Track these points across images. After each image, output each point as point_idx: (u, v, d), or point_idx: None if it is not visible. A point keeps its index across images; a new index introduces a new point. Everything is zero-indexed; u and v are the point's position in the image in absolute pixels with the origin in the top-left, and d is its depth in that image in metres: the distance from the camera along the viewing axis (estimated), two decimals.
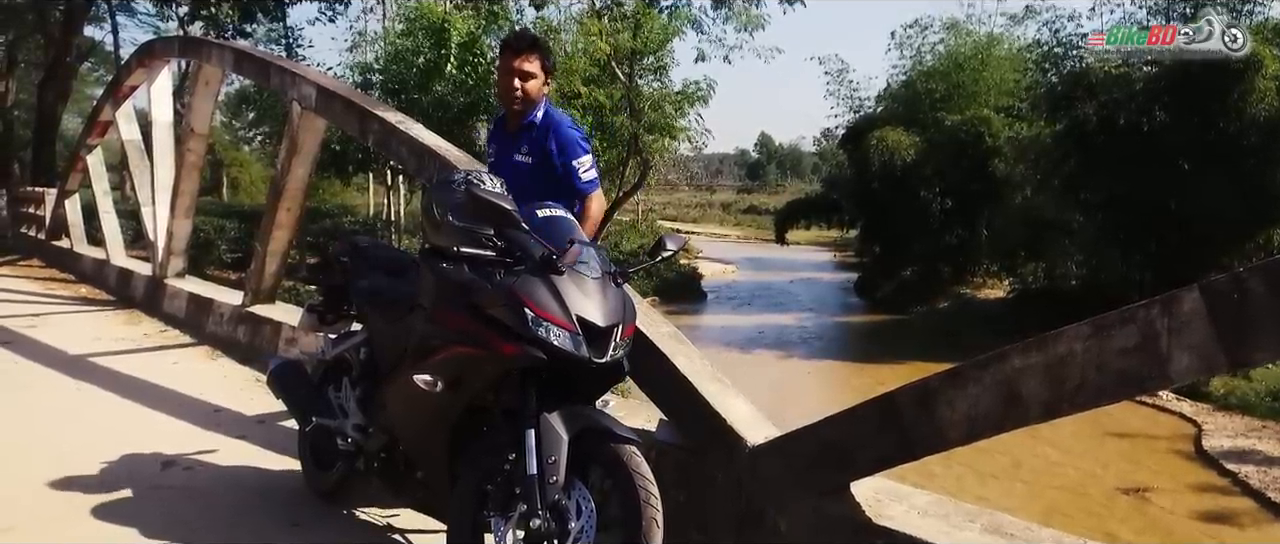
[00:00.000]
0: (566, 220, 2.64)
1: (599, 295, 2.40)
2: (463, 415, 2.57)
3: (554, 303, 2.32)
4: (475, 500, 2.46)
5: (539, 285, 2.34)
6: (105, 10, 22.57)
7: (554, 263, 2.37)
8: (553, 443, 2.28)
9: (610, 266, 2.56)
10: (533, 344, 2.30)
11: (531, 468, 2.26)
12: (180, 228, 7.76)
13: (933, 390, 2.17)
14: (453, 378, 2.50)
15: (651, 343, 2.98)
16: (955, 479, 10.88)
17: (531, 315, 2.30)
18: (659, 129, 14.62)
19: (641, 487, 2.25)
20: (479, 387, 2.50)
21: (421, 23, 15.39)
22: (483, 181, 2.63)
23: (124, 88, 9.04)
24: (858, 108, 28.64)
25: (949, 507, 2.44)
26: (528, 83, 3.04)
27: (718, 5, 15.18)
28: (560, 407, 2.35)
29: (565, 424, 2.31)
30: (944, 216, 23.77)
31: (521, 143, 3.10)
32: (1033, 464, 11.40)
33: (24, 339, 6.76)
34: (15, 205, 15.76)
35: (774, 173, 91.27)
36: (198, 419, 4.58)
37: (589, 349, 2.33)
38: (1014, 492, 10.47)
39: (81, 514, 3.31)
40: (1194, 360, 1.70)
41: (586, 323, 2.33)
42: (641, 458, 2.32)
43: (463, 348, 2.47)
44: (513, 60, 3.03)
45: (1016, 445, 12.18)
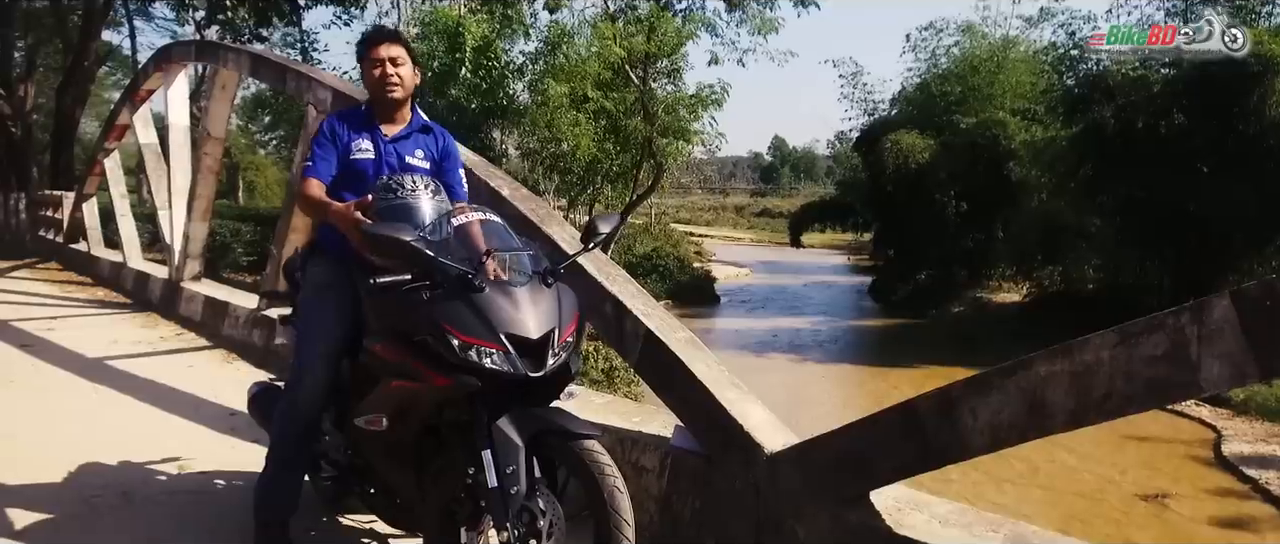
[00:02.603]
0: (489, 223, 2.55)
1: (528, 304, 2.32)
2: (420, 439, 2.53)
3: (479, 324, 2.25)
4: (445, 519, 2.45)
5: (461, 308, 2.27)
6: (123, 15, 22.76)
7: (470, 281, 2.30)
8: (509, 452, 2.24)
9: (542, 265, 2.50)
10: (465, 371, 2.25)
11: (492, 481, 2.23)
12: (197, 231, 7.79)
13: (955, 398, 2.13)
14: (395, 412, 2.48)
15: (668, 348, 2.96)
16: (972, 485, 10.80)
17: (458, 343, 2.24)
18: (672, 132, 14.60)
19: (604, 477, 2.23)
20: (423, 415, 2.46)
21: (436, 27, 15.43)
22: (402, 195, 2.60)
23: (141, 92, 9.09)
24: (872, 111, 28.63)
25: (971, 516, 2.40)
26: (401, 69, 2.94)
27: (732, 8, 15.14)
28: (513, 411, 2.30)
29: (518, 430, 2.26)
30: (959, 220, 23.65)
31: (415, 146, 3.00)
32: (1050, 470, 11.30)
33: (43, 342, 6.80)
34: (34, 209, 15.86)
35: (787, 176, 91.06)
36: (213, 423, 4.58)
37: (525, 362, 2.27)
38: (1031, 498, 10.38)
39: (98, 516, 3.32)
40: (1225, 369, 1.66)
41: (517, 338, 2.27)
42: (601, 448, 2.29)
43: (399, 382, 2.43)
44: (376, 51, 2.93)
45: (1033, 451, 12.08)
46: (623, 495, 2.24)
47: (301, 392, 2.86)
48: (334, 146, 2.92)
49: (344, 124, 2.97)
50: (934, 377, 12.92)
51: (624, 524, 2.21)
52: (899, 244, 26.15)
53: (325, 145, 2.92)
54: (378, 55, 2.91)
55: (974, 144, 22.64)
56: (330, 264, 2.88)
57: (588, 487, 2.26)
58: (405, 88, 2.97)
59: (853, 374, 17.10)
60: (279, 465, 2.95)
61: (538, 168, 16.20)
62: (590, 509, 2.25)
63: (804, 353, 19.08)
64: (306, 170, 2.92)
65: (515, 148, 17.20)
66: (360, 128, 2.96)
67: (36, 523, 3.22)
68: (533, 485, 2.27)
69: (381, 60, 2.91)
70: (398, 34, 3.11)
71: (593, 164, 15.35)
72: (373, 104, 3.01)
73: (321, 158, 2.91)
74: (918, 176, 23.30)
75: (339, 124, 2.97)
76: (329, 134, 2.94)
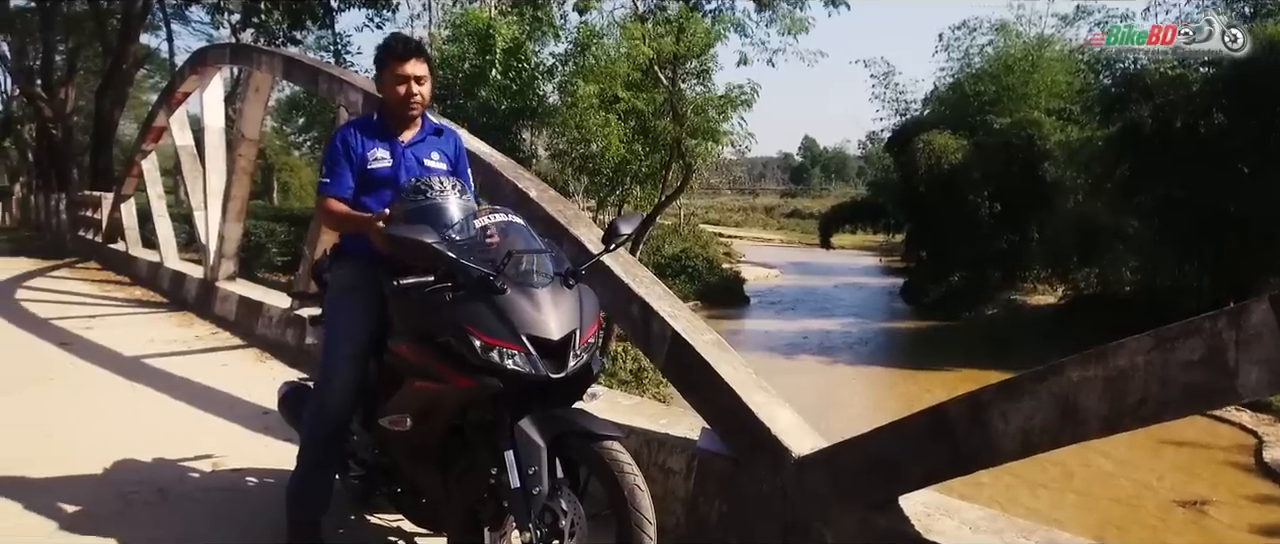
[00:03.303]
0: (512, 224, 2.56)
1: (550, 305, 2.33)
2: (444, 440, 2.54)
3: (500, 325, 2.26)
4: (469, 520, 2.46)
5: (482, 309, 2.28)
6: (161, 19, 23.15)
7: (492, 283, 2.31)
8: (532, 453, 2.24)
9: (563, 265, 2.50)
10: (487, 372, 2.26)
11: (514, 482, 2.24)
12: (231, 231, 7.90)
13: (986, 403, 2.10)
14: (419, 412, 2.50)
15: (694, 350, 2.95)
16: (1005, 489, 10.67)
17: (480, 344, 2.25)
18: (702, 133, 14.57)
19: (626, 477, 2.23)
20: (447, 415, 2.47)
21: (467, 29, 15.53)
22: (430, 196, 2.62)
23: (178, 94, 9.24)
24: (904, 111, 28.41)
25: (1002, 522, 2.37)
26: (423, 87, 2.95)
27: (761, 9, 15.09)
28: (535, 411, 2.30)
29: (540, 431, 2.27)
30: (993, 221, 23.39)
31: (431, 149, 3.01)
32: (1085, 475, 11.14)
33: (81, 340, 6.93)
34: (73, 209, 16.19)
35: (818, 177, 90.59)
36: (247, 421, 4.64)
37: (546, 363, 2.28)
38: (1065, 503, 10.24)
39: (133, 511, 3.37)
40: (1264, 375, 1.62)
41: (538, 339, 2.28)
42: (622, 449, 2.29)
43: (423, 382, 2.45)
44: (403, 66, 2.91)
45: (1068, 455, 11.91)
46: (644, 495, 2.24)
47: (330, 393, 2.89)
48: (347, 160, 2.93)
49: (357, 135, 2.98)
50: (967, 380, 12.78)
51: (646, 524, 2.21)
52: (931, 245, 25.91)
53: (339, 160, 2.94)
54: (404, 72, 2.90)
55: (1008, 144, 22.39)
56: (356, 266, 2.90)
57: (609, 487, 2.26)
58: (424, 103, 2.99)
59: (884, 377, 16.97)
60: (309, 465, 2.98)
61: (567, 169, 16.25)
62: (612, 509, 2.25)
63: (834, 355, 18.97)
64: (323, 188, 2.96)
65: (544, 149, 17.27)
66: (375, 136, 2.97)
67: (74, 517, 3.28)
68: (555, 486, 2.28)
69: (407, 77, 2.91)
70: (423, 48, 3.08)
71: (622, 165, 15.36)
72: (387, 113, 3.01)
73: (336, 174, 2.94)
74: (950, 177, 23.08)
75: (352, 136, 2.98)
76: (341, 148, 2.95)
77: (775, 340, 20.45)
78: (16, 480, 3.63)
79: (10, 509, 3.36)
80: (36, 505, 3.38)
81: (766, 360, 18.20)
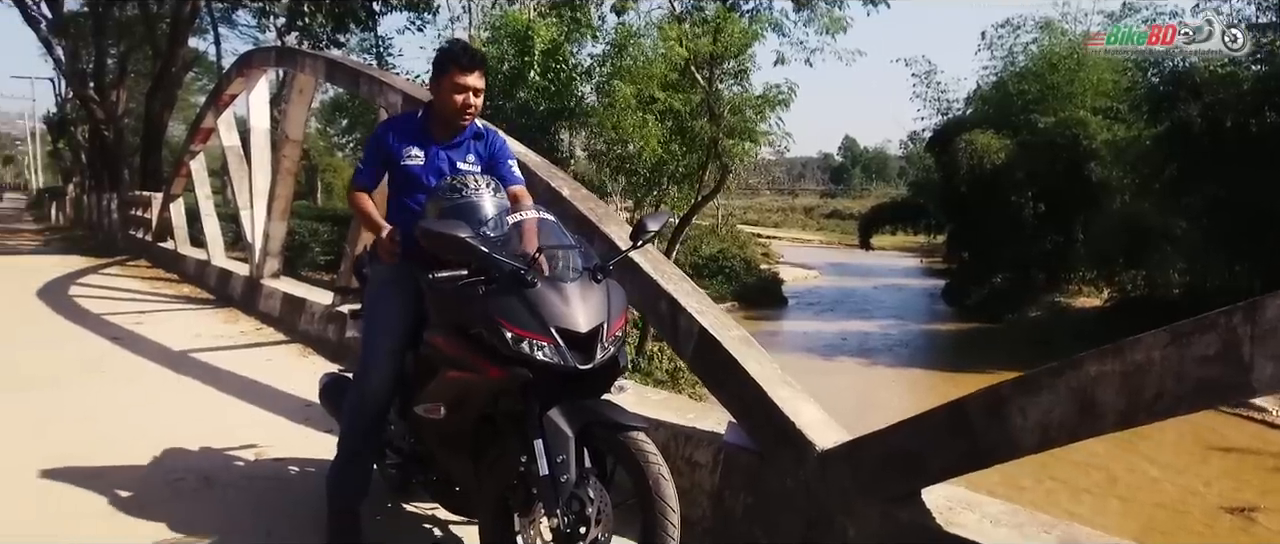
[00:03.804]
0: (543, 221, 2.64)
1: (578, 299, 2.41)
2: (476, 429, 2.62)
3: (531, 318, 2.34)
4: (499, 507, 2.53)
5: (514, 302, 2.36)
6: (209, 22, 23.66)
7: (523, 277, 2.38)
8: (560, 442, 2.32)
9: (592, 261, 2.57)
10: (518, 363, 2.34)
11: (543, 469, 2.31)
12: (276, 230, 8.08)
13: (1004, 397, 2.12)
14: (453, 401, 2.58)
15: (721, 346, 2.99)
16: (1046, 493, 10.53)
17: (511, 335, 2.33)
18: (738, 133, 14.55)
19: (650, 467, 2.29)
20: (479, 404, 2.55)
21: (506, 30, 15.66)
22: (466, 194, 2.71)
23: (225, 96, 9.45)
24: (945, 110, 28.05)
25: (1023, 516, 2.38)
26: (479, 98, 3.02)
27: (799, 8, 15.02)
28: (564, 402, 2.37)
29: (568, 421, 2.34)
30: (1037, 222, 23.04)
31: (466, 152, 3.08)
32: (1129, 480, 10.96)
33: (131, 335, 7.15)
34: (125, 209, 16.62)
35: (858, 177, 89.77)
36: (289, 413, 4.77)
37: (574, 355, 2.35)
38: (1108, 508, 10.09)
39: (180, 498, 3.51)
40: (1278, 370, 1.63)
41: (566, 331, 2.35)
42: (648, 440, 2.36)
43: (456, 372, 2.53)
44: (465, 77, 2.96)
45: (1112, 460, 11.73)
46: (669, 487, 2.30)
47: (369, 384, 2.98)
48: (380, 155, 3.05)
49: (395, 133, 3.08)
50: None
51: (670, 514, 2.27)
52: (973, 246, 25.58)
53: (373, 154, 3.08)
54: (465, 82, 2.96)
55: (1053, 143, 22.04)
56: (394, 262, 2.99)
57: (635, 478, 2.32)
58: (477, 114, 3.08)
59: (924, 379, 16.81)
60: (349, 454, 3.08)
61: (604, 169, 16.29)
62: (637, 499, 2.31)
63: (873, 356, 18.82)
64: (354, 176, 3.14)
65: (582, 150, 17.35)
66: (413, 134, 3.06)
67: (123, 502, 3.42)
68: (583, 474, 2.35)
69: (467, 88, 2.97)
70: (485, 60, 3.15)
71: (659, 165, 15.39)
72: (434, 116, 3.08)
73: (367, 166, 3.08)
74: (993, 177, 22.78)
75: (390, 133, 3.09)
76: (377, 144, 3.08)
77: (813, 342, 20.34)
78: (70, 468, 3.78)
79: (64, 495, 3.51)
80: (88, 491, 3.53)
81: (804, 362, 18.12)
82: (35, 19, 22.82)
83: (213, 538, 3.13)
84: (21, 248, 18.49)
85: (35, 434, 4.39)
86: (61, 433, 4.40)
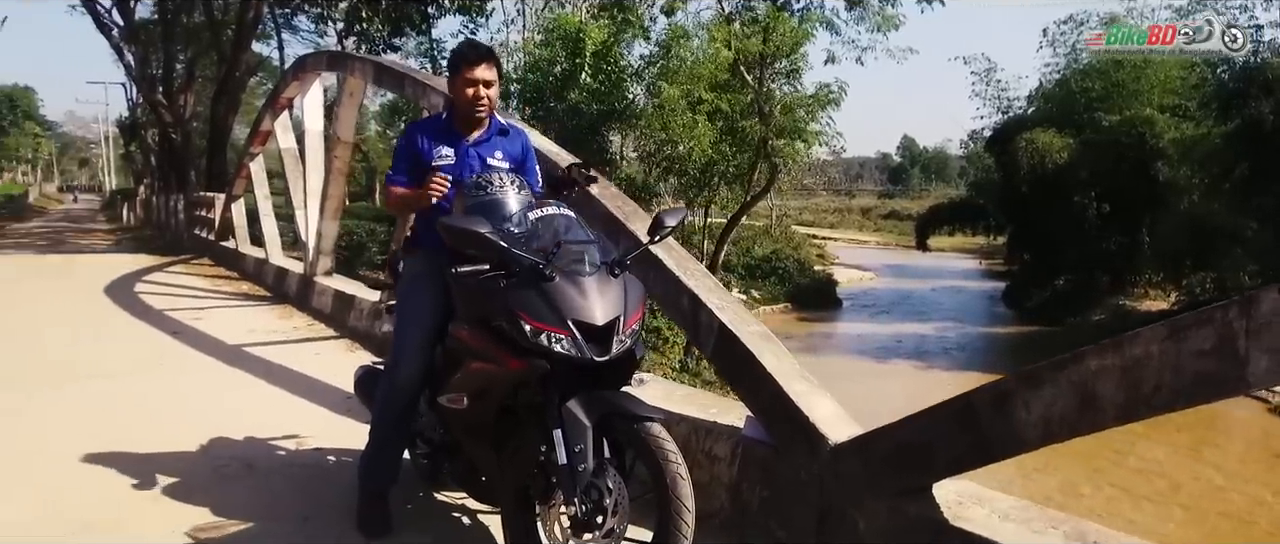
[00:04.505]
0: (562, 217, 2.70)
1: (595, 293, 2.46)
2: (499, 419, 2.69)
3: (549, 311, 2.40)
4: (521, 496, 2.60)
5: (533, 295, 2.43)
6: (272, 28, 24.32)
7: (541, 271, 2.45)
8: (578, 432, 2.37)
9: (610, 256, 2.62)
10: (536, 354, 2.41)
11: (562, 459, 2.37)
12: (328, 229, 8.29)
13: (1008, 391, 2.12)
14: (475, 392, 2.65)
15: (740, 341, 3.02)
16: (1106, 501, 10.29)
17: (530, 328, 2.40)
18: (788, 133, 14.50)
19: (667, 460, 2.33)
20: (500, 395, 2.62)
21: (558, 33, 15.83)
22: (491, 191, 2.77)
23: (281, 100, 9.71)
24: (1006, 109, 27.58)
25: (1033, 512, 2.36)
26: (490, 90, 3.10)
27: (851, 6, 14.90)
28: (582, 393, 2.43)
29: (587, 411, 2.39)
30: (1101, 222, 22.52)
31: (494, 148, 3.15)
32: (1193, 488, 10.66)
33: (190, 330, 7.43)
34: (190, 209, 17.20)
35: (917, 177, 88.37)
36: (332, 405, 4.91)
37: (591, 347, 2.41)
38: (1171, 517, 9.82)
39: (223, 482, 3.67)
40: (1273, 364, 1.60)
41: (584, 324, 2.40)
42: (664, 432, 2.40)
43: (478, 364, 2.62)
44: (472, 71, 3.04)
45: (1176, 468, 11.42)
46: (685, 483, 2.34)
47: (399, 375, 3.08)
48: (411, 154, 3.13)
49: (424, 133, 3.17)
50: None
51: (684, 511, 2.31)
52: (1035, 247, 25.09)
53: (404, 154, 3.16)
54: (474, 76, 3.06)
55: (1118, 142, 21.52)
56: (426, 256, 3.08)
57: (652, 471, 2.37)
58: (492, 106, 3.16)
59: (979, 383, 16.49)
60: (379, 442, 3.18)
61: (654, 170, 16.38)
62: (654, 493, 2.36)
63: (929, 360, 18.57)
64: (388, 177, 3.21)
65: (632, 150, 17.46)
66: (441, 134, 3.15)
67: (170, 486, 3.59)
68: (601, 465, 2.41)
69: (476, 82, 3.06)
70: (492, 52, 3.23)
71: (709, 166, 15.41)
72: (456, 114, 3.17)
73: (399, 166, 3.16)
74: (1055, 176, 22.33)
75: (420, 134, 3.17)
76: (407, 145, 3.16)
77: (867, 344, 20.13)
78: (124, 453, 3.98)
79: (116, 479, 3.69)
80: (139, 475, 3.71)
81: (856, 364, 17.95)
82: (107, 26, 23.75)
83: (251, 523, 3.26)
84: (94, 247, 19.27)
85: (95, 422, 4.60)
86: (119, 421, 4.61)
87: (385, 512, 3.19)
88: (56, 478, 3.75)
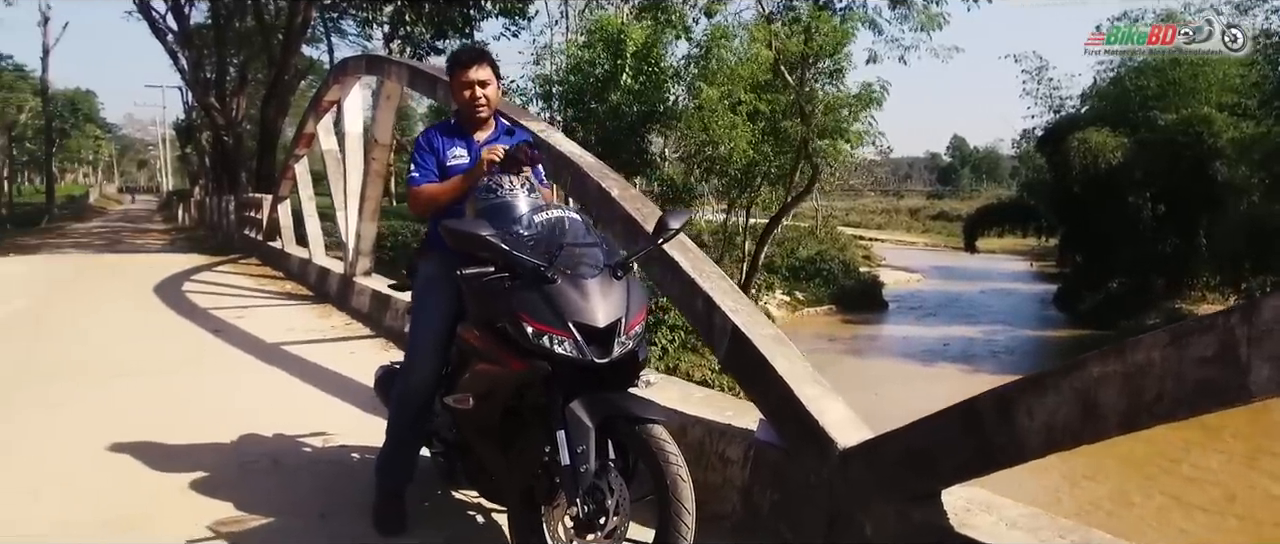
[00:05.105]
0: (568, 220, 2.72)
1: (597, 295, 2.47)
2: (506, 420, 2.70)
3: (550, 313, 2.42)
4: (526, 496, 2.61)
5: (535, 298, 2.45)
6: (322, 32, 24.79)
7: (544, 274, 2.46)
8: (581, 433, 2.38)
9: (616, 257, 2.64)
10: (538, 356, 2.43)
11: (565, 459, 2.38)
12: (367, 230, 8.41)
13: (1012, 398, 2.08)
14: (481, 393, 2.68)
15: (752, 344, 3.00)
16: (1157, 510, 10.04)
17: (531, 330, 2.42)
18: (830, 133, 14.36)
19: (668, 462, 2.34)
20: (505, 396, 2.64)
21: (600, 34, 15.87)
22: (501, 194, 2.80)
23: (324, 103, 9.88)
24: (1058, 107, 26.91)
25: (1042, 520, 2.31)
26: (487, 89, 3.16)
27: (895, 5, 14.70)
28: (585, 395, 2.43)
29: (589, 412, 2.40)
30: (1156, 224, 21.93)
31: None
32: (1249, 498, 10.34)
33: (232, 328, 7.62)
34: (240, 210, 17.61)
35: (967, 177, 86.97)
36: (361, 403, 4.98)
37: (592, 349, 2.42)
38: (1225, 527, 9.54)
39: (249, 478, 3.76)
40: (1275, 372, 1.54)
41: (585, 326, 2.42)
42: (666, 434, 2.40)
43: (484, 365, 2.66)
44: (466, 74, 3.13)
45: (1232, 477, 11.10)
46: (685, 485, 2.33)
47: (413, 375, 3.13)
48: (432, 155, 3.20)
49: (438, 135, 3.25)
50: None
51: (685, 513, 2.30)
52: (1087, 249, 24.49)
53: (425, 155, 3.21)
54: (467, 78, 3.15)
55: (1174, 141, 20.93)
56: (439, 259, 3.12)
57: (654, 473, 2.37)
58: (491, 106, 3.23)
59: None
60: (396, 441, 3.23)
61: (694, 171, 16.34)
62: (655, 494, 2.36)
63: (976, 364, 18.24)
64: (413, 180, 3.23)
65: (672, 151, 17.43)
66: (454, 137, 3.23)
67: (198, 480, 3.68)
68: (604, 466, 2.42)
69: (471, 83, 3.15)
70: (485, 54, 3.31)
71: (750, 167, 15.32)
72: (461, 117, 3.27)
73: (423, 167, 3.20)
74: (1108, 177, 21.79)
75: (435, 136, 3.26)
76: (426, 146, 3.22)
77: (912, 347, 19.86)
78: (156, 446, 4.10)
79: (148, 473, 3.81)
80: (167, 469, 3.81)
81: (901, 367, 17.71)
82: (162, 31, 24.38)
83: (272, 518, 3.32)
84: (148, 247, 19.84)
85: (133, 417, 4.72)
86: (155, 417, 4.73)
87: (401, 510, 3.23)
88: (91, 471, 3.87)
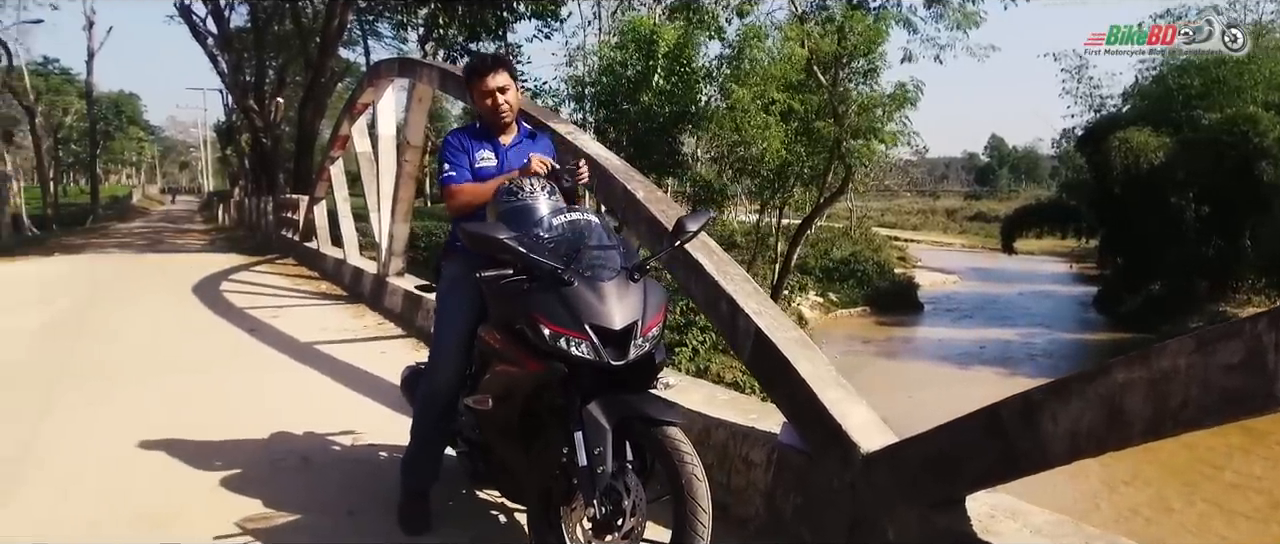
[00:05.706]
0: (586, 222, 2.74)
1: (614, 298, 2.49)
2: (526, 421, 2.72)
3: (567, 315, 2.44)
4: (545, 496, 2.62)
5: (552, 300, 2.47)
6: (359, 35, 25.09)
7: (561, 276, 2.48)
8: (598, 434, 2.39)
9: (634, 259, 2.65)
10: (556, 358, 2.45)
11: (582, 460, 2.40)
12: (399, 231, 8.49)
13: (1036, 403, 2.04)
14: (500, 394, 2.70)
15: (775, 347, 2.98)
16: (1198, 517, 9.85)
17: (548, 332, 2.44)
18: (863, 133, 14.24)
19: (684, 464, 2.34)
20: (523, 397, 2.65)
21: (632, 35, 15.88)
22: (522, 197, 2.83)
23: (358, 105, 9.99)
24: (1098, 107, 26.49)
25: (1067, 528, 2.27)
26: (507, 95, 3.18)
27: (930, 4, 14.55)
28: (603, 396, 2.44)
29: (606, 414, 2.41)
30: (1199, 225, 21.48)
31: (527, 151, 3.22)
32: None
33: (267, 327, 7.73)
34: (278, 211, 17.87)
35: (1006, 177, 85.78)
36: (390, 402, 5.01)
37: (609, 351, 2.43)
38: (1269, 534, 9.34)
39: (279, 475, 3.82)
40: None
41: (601, 328, 2.43)
42: (683, 436, 2.41)
43: (502, 367, 2.68)
44: (484, 83, 3.16)
45: (1277, 484, 10.86)
46: (701, 484, 2.34)
47: (437, 375, 3.16)
48: (463, 154, 3.23)
49: (466, 138, 3.28)
50: None
51: (701, 513, 2.31)
52: (1128, 251, 24.06)
53: (457, 154, 3.23)
54: (486, 87, 3.18)
55: (1218, 141, 20.50)
56: (462, 260, 3.14)
57: (670, 474, 2.38)
58: (513, 111, 3.25)
59: None
60: (420, 441, 3.27)
61: (726, 172, 16.29)
62: (671, 496, 2.36)
63: (1013, 367, 18.01)
64: (449, 179, 3.21)
65: (704, 152, 17.39)
66: (481, 140, 3.27)
67: (228, 477, 3.74)
68: (621, 467, 2.43)
69: (490, 91, 3.18)
70: (502, 60, 3.34)
71: (783, 167, 15.24)
72: (486, 123, 3.29)
73: (457, 166, 3.21)
74: (1150, 177, 21.41)
75: (463, 138, 3.28)
76: (456, 146, 3.24)
77: (948, 350, 19.65)
78: (189, 443, 4.17)
79: (179, 470, 3.87)
80: (200, 466, 3.88)
81: (936, 370, 17.54)
82: (202, 34, 24.80)
83: (299, 515, 3.37)
84: (188, 247, 20.19)
85: (167, 414, 4.81)
86: (188, 414, 4.82)
87: (425, 510, 3.26)
88: (124, 467, 3.95)
